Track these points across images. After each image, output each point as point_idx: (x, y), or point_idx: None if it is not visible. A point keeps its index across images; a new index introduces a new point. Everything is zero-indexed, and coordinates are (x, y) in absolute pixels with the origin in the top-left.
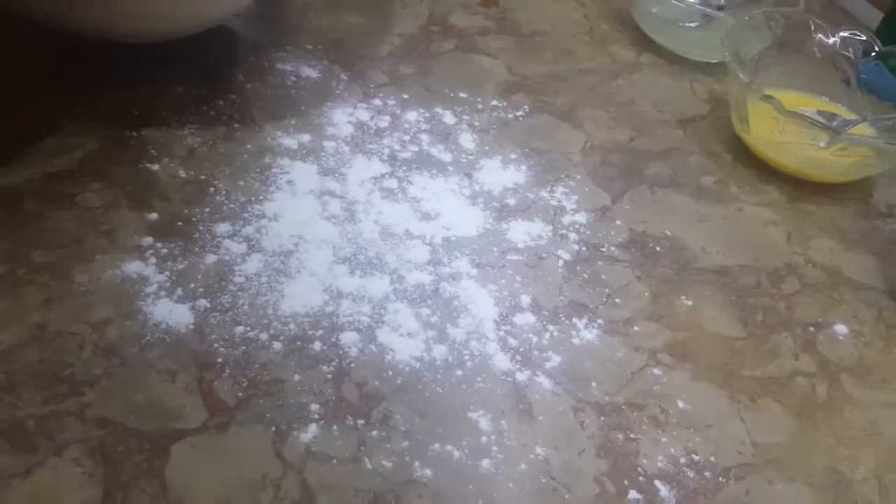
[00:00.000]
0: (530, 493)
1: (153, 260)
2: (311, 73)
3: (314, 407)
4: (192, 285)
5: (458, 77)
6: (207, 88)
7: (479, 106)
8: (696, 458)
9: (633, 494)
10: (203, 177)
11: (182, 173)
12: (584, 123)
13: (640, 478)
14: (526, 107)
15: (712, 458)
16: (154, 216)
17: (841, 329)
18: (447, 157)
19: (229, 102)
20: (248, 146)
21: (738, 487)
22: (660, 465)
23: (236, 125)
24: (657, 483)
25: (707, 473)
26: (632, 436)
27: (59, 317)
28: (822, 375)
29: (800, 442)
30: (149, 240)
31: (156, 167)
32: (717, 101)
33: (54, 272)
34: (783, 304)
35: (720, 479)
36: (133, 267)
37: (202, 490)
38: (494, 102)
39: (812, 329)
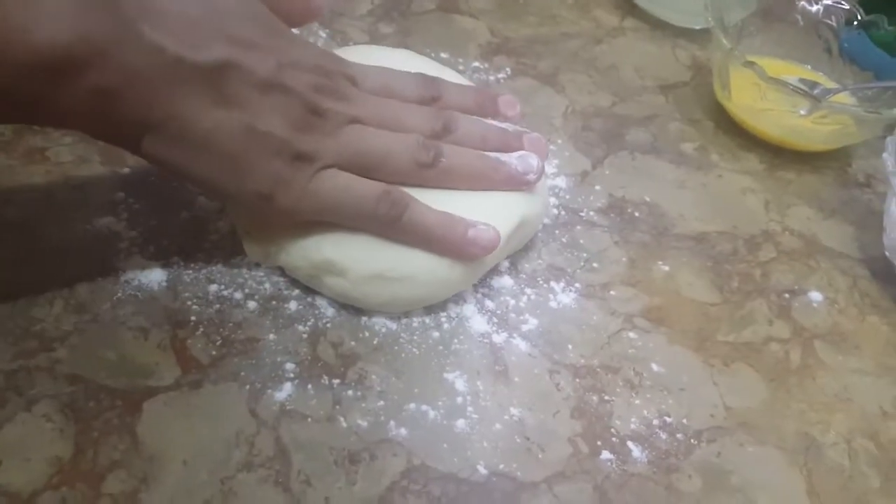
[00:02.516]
0: (504, 452)
1: (125, 216)
2: None
3: (289, 366)
4: (166, 242)
5: (440, 38)
6: None
7: (461, 67)
8: (668, 420)
9: (605, 455)
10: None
11: None
12: (565, 88)
13: (613, 438)
14: (508, 69)
15: (685, 421)
16: (126, 171)
17: (816, 296)
18: None
19: None
20: None
21: (710, 449)
22: (633, 426)
23: None
24: (629, 444)
25: (679, 435)
26: (606, 398)
27: (29, 272)
28: (796, 341)
29: (772, 406)
30: (121, 195)
31: None
32: (699, 67)
33: (25, 227)
34: (759, 271)
35: (692, 440)
36: (105, 223)
37: (175, 447)
38: (476, 64)
39: (787, 296)
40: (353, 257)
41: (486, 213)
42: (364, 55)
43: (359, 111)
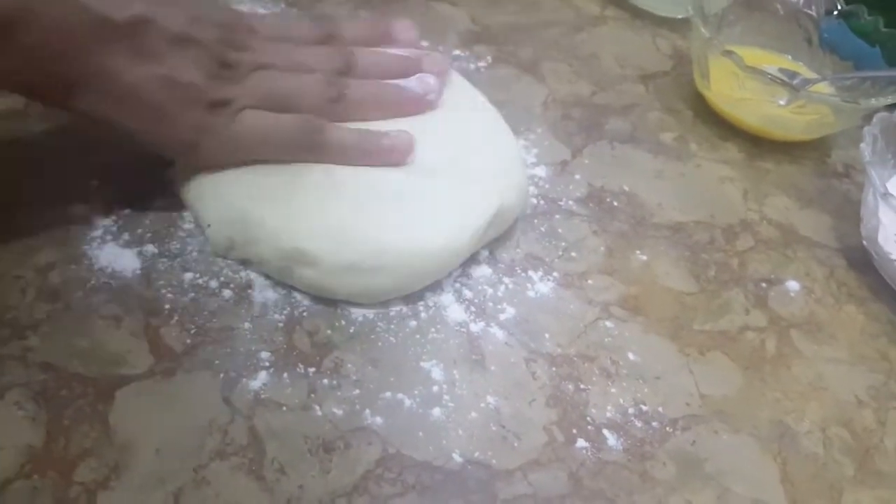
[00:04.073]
0: (480, 440)
1: (99, 204)
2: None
3: (264, 355)
4: (140, 230)
5: (419, 24)
6: None
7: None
8: (644, 408)
9: (580, 443)
10: None
11: None
12: (546, 77)
13: (589, 427)
14: (489, 57)
15: (660, 409)
16: (100, 159)
17: (793, 286)
18: None
19: None
20: None
21: (685, 437)
22: (608, 414)
23: None
24: (605, 432)
25: (654, 423)
26: (582, 386)
27: (1, 260)
28: (772, 331)
29: (747, 395)
30: (94, 183)
31: None
32: (680, 57)
33: None
34: (736, 261)
35: (667, 429)
36: (78, 210)
37: (147, 435)
38: (456, 52)
39: (764, 285)
40: (324, 247)
41: (463, 201)
42: None
43: (264, 58)
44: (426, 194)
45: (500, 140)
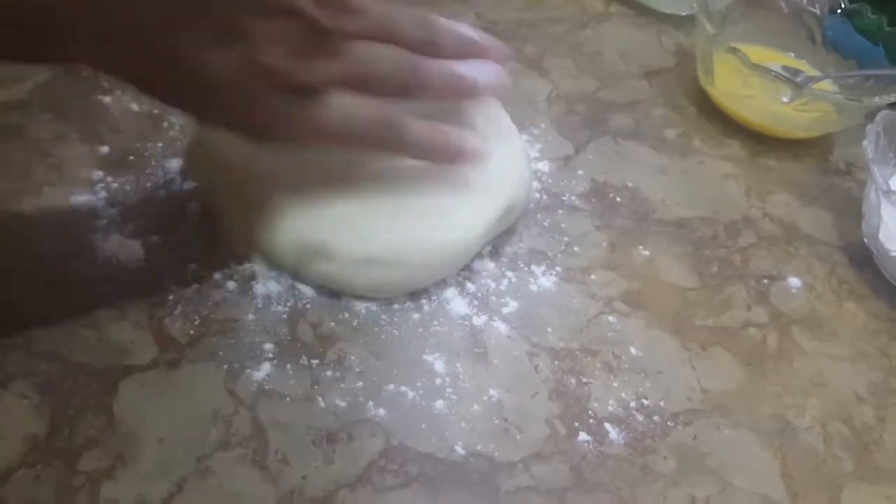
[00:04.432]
0: (482, 432)
1: (104, 194)
2: None
3: (268, 346)
4: (144, 221)
5: None
6: None
7: None
8: (645, 402)
9: (582, 436)
10: (156, 111)
11: (135, 107)
12: (550, 72)
13: (591, 420)
14: None
15: (662, 403)
16: (105, 149)
17: (794, 282)
18: None
19: None
20: None
21: (686, 432)
22: (610, 408)
23: None
24: (607, 425)
25: (656, 417)
26: (584, 380)
27: (6, 249)
28: (774, 326)
29: (748, 390)
30: (99, 173)
31: (108, 99)
32: (683, 53)
33: (1, 205)
34: (739, 257)
35: (668, 423)
36: (83, 200)
37: (151, 425)
38: None
39: (766, 281)
40: (343, 240)
41: (475, 197)
42: None
43: (358, 23)
44: (440, 189)
45: (508, 136)
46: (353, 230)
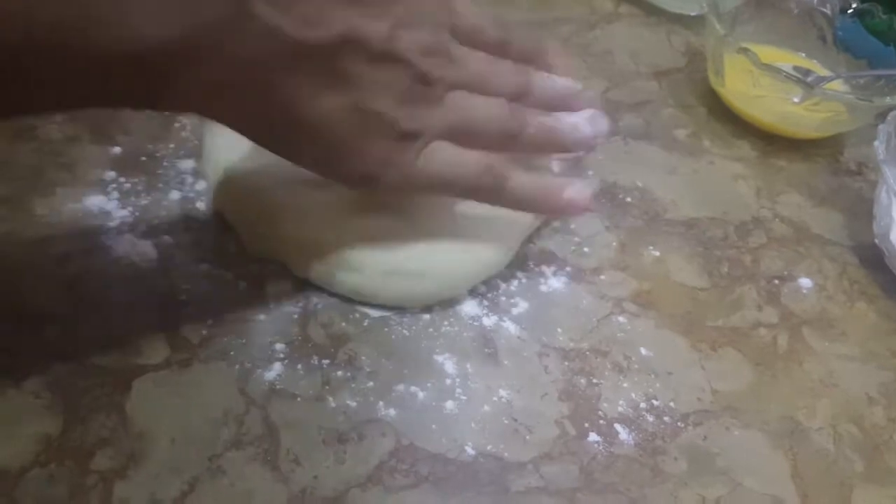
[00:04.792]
0: (492, 432)
1: (116, 195)
2: None
3: (279, 346)
4: (156, 221)
5: None
6: None
7: None
8: (655, 403)
9: (592, 437)
10: (167, 112)
11: None
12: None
13: (601, 421)
14: None
15: (672, 404)
16: (117, 150)
17: (805, 282)
18: None
19: None
20: None
21: (696, 432)
22: (620, 409)
23: None
24: (617, 426)
25: (666, 418)
26: (594, 381)
27: (18, 250)
28: (784, 327)
29: (758, 390)
30: (111, 174)
31: None
32: (693, 54)
33: (13, 205)
34: (749, 257)
35: (678, 423)
36: (95, 201)
37: (163, 425)
38: None
39: (776, 282)
40: (370, 252)
41: (507, 214)
42: None
43: (460, 73)
44: (471, 202)
45: None
46: (380, 242)
